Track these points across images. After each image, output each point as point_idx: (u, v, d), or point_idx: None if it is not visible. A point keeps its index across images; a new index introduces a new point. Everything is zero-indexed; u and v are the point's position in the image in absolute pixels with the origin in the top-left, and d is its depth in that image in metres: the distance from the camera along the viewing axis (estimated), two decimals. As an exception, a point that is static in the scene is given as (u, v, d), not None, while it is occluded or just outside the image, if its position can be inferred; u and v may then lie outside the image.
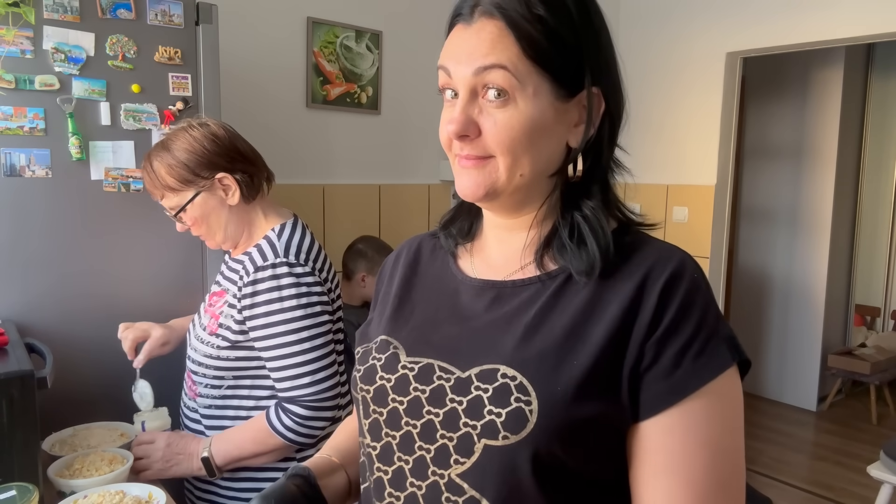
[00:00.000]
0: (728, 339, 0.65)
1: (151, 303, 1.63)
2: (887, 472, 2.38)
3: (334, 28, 2.59)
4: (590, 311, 0.66)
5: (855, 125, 4.35)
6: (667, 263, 0.67)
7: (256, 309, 1.26)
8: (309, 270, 1.29)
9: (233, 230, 1.36)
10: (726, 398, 0.65)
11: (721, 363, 0.64)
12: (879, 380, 4.02)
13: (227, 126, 1.35)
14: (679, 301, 0.65)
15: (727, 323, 0.67)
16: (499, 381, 0.65)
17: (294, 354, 1.26)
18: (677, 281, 0.66)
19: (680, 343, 0.63)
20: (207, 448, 1.29)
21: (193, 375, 1.37)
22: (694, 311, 0.65)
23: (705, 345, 0.64)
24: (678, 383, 0.63)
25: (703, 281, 0.67)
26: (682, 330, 0.64)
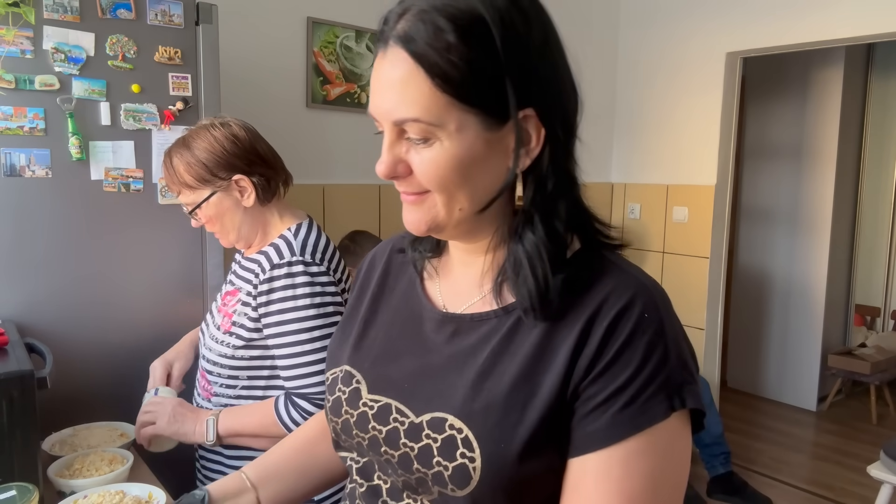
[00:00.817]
0: (671, 388, 0.60)
1: (151, 303, 1.63)
2: (887, 472, 2.38)
3: (334, 28, 2.59)
4: (539, 355, 0.63)
5: (855, 125, 4.35)
6: (617, 299, 0.62)
7: (271, 306, 1.27)
8: (324, 270, 1.30)
9: (246, 231, 1.37)
10: (655, 453, 0.60)
11: (648, 418, 0.59)
12: (879, 380, 4.02)
13: (248, 127, 1.36)
14: (619, 342, 0.61)
15: (685, 367, 0.62)
16: (447, 433, 0.64)
17: (305, 353, 1.26)
18: (621, 320, 0.61)
19: (611, 388, 0.60)
20: (216, 415, 1.31)
21: (208, 375, 1.38)
22: (633, 354, 0.60)
23: (638, 394, 0.59)
24: (599, 431, 0.60)
25: (657, 319, 0.62)
26: (617, 374, 0.60)
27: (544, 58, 0.62)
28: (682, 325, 0.65)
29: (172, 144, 1.36)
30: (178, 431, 1.31)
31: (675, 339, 0.62)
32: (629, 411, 0.59)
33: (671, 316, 0.64)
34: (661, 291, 0.65)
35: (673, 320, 0.63)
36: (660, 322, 0.62)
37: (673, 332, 0.62)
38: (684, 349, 0.63)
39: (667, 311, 0.63)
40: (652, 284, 0.65)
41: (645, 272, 0.68)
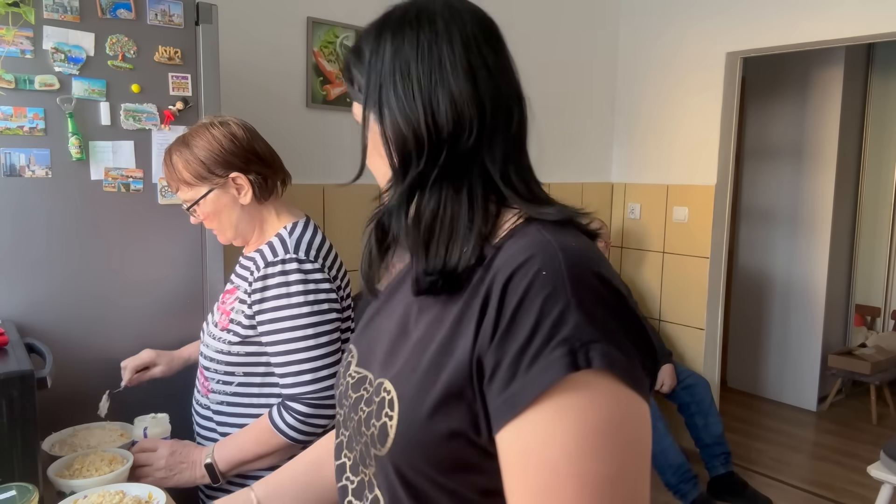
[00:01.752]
0: (574, 346, 0.55)
1: (152, 303, 1.63)
2: (887, 472, 2.38)
3: (334, 28, 2.59)
4: (459, 321, 0.64)
5: (855, 125, 4.35)
6: (514, 260, 0.61)
7: (265, 304, 1.28)
8: (318, 267, 1.31)
9: (244, 228, 1.39)
10: (570, 417, 0.55)
11: (547, 378, 0.55)
12: (879, 380, 4.02)
13: (247, 126, 1.38)
14: (515, 301, 0.58)
15: (596, 325, 0.56)
16: (381, 395, 0.68)
17: (298, 351, 1.27)
18: (514, 278, 0.60)
19: (512, 353, 0.57)
20: (210, 455, 1.30)
21: (205, 371, 1.39)
22: (527, 314, 0.57)
23: (536, 356, 0.56)
24: (511, 396, 0.57)
25: (557, 276, 0.58)
26: (514, 337, 0.57)
27: (393, 59, 0.71)
28: (616, 292, 0.60)
29: (173, 142, 1.38)
30: (178, 483, 1.30)
31: (584, 297, 0.57)
32: (529, 375, 0.56)
33: (584, 275, 0.59)
34: (574, 250, 0.61)
35: (586, 280, 0.59)
36: (560, 279, 0.58)
37: (583, 291, 0.58)
38: (600, 311, 0.57)
39: (577, 269, 0.59)
40: (563, 243, 0.62)
41: (574, 237, 0.65)
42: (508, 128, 0.70)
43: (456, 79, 0.68)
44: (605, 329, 0.56)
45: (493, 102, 0.68)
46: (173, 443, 1.34)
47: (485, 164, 0.68)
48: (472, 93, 0.68)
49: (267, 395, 1.35)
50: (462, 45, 0.69)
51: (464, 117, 0.67)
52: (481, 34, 0.71)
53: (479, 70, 0.68)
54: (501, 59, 0.72)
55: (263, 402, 1.35)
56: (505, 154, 0.69)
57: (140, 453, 1.32)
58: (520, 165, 0.71)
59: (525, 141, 0.73)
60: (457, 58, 0.68)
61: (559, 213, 0.68)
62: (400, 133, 0.68)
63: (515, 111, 0.71)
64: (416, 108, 0.68)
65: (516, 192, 0.69)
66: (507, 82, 0.71)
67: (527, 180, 0.71)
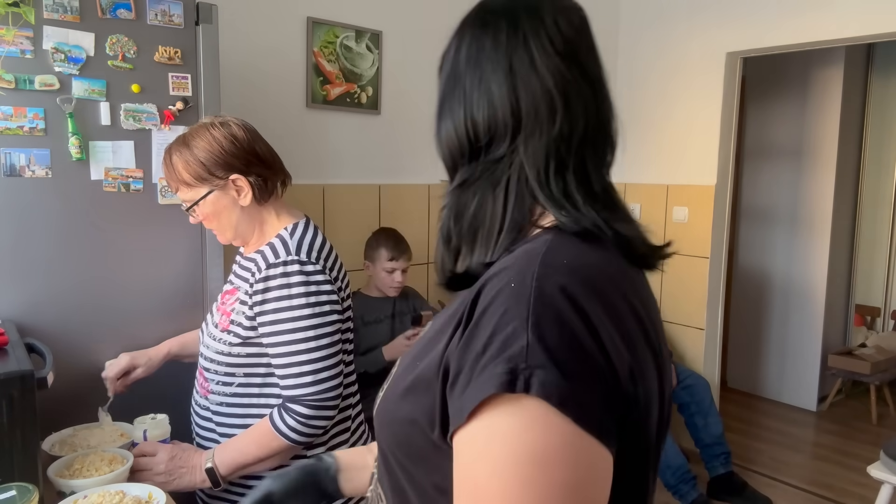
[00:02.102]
0: (518, 366, 0.52)
1: (152, 303, 1.63)
2: (887, 472, 2.38)
3: (334, 28, 2.59)
4: (450, 319, 0.63)
5: (855, 125, 4.35)
6: (495, 269, 0.61)
7: (266, 305, 1.28)
8: (319, 269, 1.31)
9: (243, 229, 1.38)
10: (499, 435, 0.52)
11: (481, 392, 0.53)
12: (879, 380, 4.02)
13: (248, 127, 1.37)
14: (480, 310, 0.57)
15: (550, 352, 0.52)
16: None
17: (299, 353, 1.27)
18: (489, 286, 0.59)
19: (471, 358, 0.55)
20: (211, 458, 1.30)
21: (206, 372, 1.38)
22: (488, 322, 0.55)
23: (487, 364, 0.54)
24: (459, 405, 0.55)
25: (525, 290, 0.55)
26: (475, 344, 0.56)
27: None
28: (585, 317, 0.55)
29: (173, 142, 1.37)
30: (178, 488, 1.30)
31: (544, 317, 0.53)
32: (473, 386, 0.54)
33: (551, 293, 0.55)
34: (557, 266, 0.58)
35: (551, 299, 0.55)
36: (525, 294, 0.55)
37: (545, 310, 0.54)
38: (556, 335, 0.53)
39: (547, 286, 0.55)
40: (550, 257, 0.59)
41: (581, 251, 0.62)
42: (551, 127, 0.66)
43: (495, 80, 0.67)
44: (557, 356, 0.52)
45: (531, 102, 0.66)
46: (173, 447, 1.33)
47: (524, 166, 0.66)
48: (510, 93, 0.66)
49: (267, 395, 1.34)
50: (509, 42, 0.67)
51: (499, 120, 0.67)
52: (536, 26, 0.68)
53: (520, 68, 0.66)
54: (558, 54, 0.67)
55: (263, 403, 1.34)
56: (546, 156, 0.65)
57: (139, 457, 1.31)
58: (562, 168, 0.66)
59: (576, 140, 0.67)
60: (500, 57, 0.67)
61: (574, 223, 0.63)
62: (449, 135, 0.70)
63: (560, 108, 0.66)
64: (460, 112, 0.69)
65: (551, 196, 0.65)
66: (557, 78, 0.66)
67: (566, 183, 0.65)
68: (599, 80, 0.71)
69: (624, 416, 0.56)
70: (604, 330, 0.55)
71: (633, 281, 0.66)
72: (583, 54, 0.69)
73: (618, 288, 0.61)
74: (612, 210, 0.67)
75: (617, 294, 0.60)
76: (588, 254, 0.62)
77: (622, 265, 0.65)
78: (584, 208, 0.65)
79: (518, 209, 0.66)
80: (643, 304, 0.64)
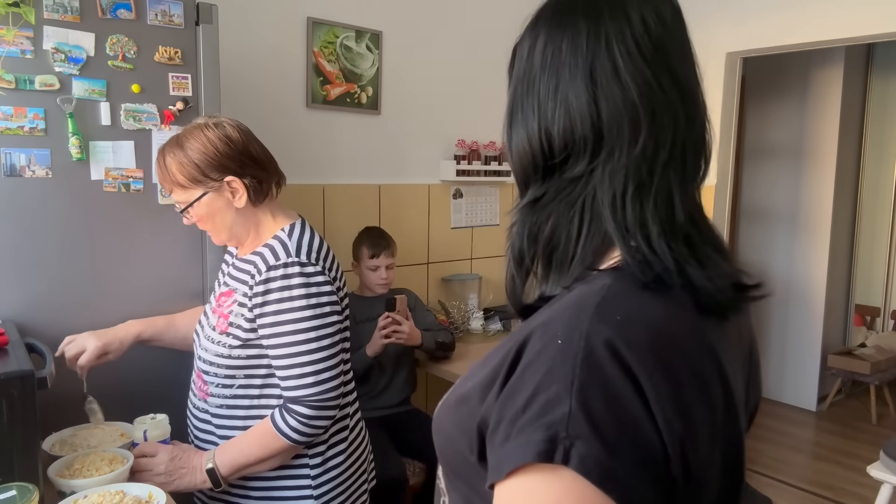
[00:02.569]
0: (558, 431, 0.47)
1: (151, 302, 1.63)
2: (887, 472, 2.38)
3: (334, 28, 2.59)
4: (504, 356, 0.58)
5: (855, 125, 4.35)
6: (547, 314, 0.56)
7: (267, 307, 1.27)
8: (320, 270, 1.30)
9: (238, 230, 1.37)
10: (529, 500, 0.49)
11: (522, 456, 0.49)
12: (879, 380, 4.02)
13: (242, 128, 1.35)
14: (524, 364, 0.53)
15: (585, 416, 0.48)
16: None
17: (300, 354, 1.27)
18: (534, 337, 0.54)
19: (511, 413, 0.51)
20: (212, 459, 1.30)
21: (205, 375, 1.37)
22: (531, 378, 0.51)
23: (526, 426, 0.50)
24: (497, 462, 0.52)
25: (567, 348, 0.50)
26: (516, 399, 0.51)
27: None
28: (634, 382, 0.49)
29: (166, 143, 1.35)
30: (178, 488, 1.30)
31: (589, 382, 0.49)
32: (511, 445, 0.50)
33: (600, 355, 0.50)
34: (612, 322, 0.51)
35: (599, 361, 0.49)
36: (571, 353, 0.50)
37: (591, 374, 0.49)
38: (601, 402, 0.48)
39: (596, 345, 0.50)
40: (606, 309, 0.53)
41: (641, 303, 0.55)
42: (634, 143, 0.58)
43: (573, 88, 0.59)
44: (601, 427, 0.48)
45: (613, 115, 0.58)
46: (173, 448, 1.33)
47: (600, 189, 0.59)
48: (589, 104, 0.59)
49: (268, 396, 1.34)
50: (589, 46, 0.59)
51: (577, 133, 0.59)
52: (620, 25, 0.59)
53: (601, 78, 0.58)
54: (644, 59, 0.59)
55: (264, 404, 1.34)
56: (625, 178, 0.58)
57: (140, 458, 1.31)
58: (641, 192, 0.58)
59: (662, 160, 0.59)
60: (579, 62, 0.59)
61: (639, 266, 0.56)
62: (521, 147, 0.63)
63: (644, 123, 0.58)
64: (534, 122, 0.62)
65: (622, 225, 0.57)
66: (643, 87, 0.58)
67: (643, 211, 0.57)
68: (692, 85, 0.63)
69: (671, 491, 0.50)
70: (656, 399, 0.49)
71: (704, 336, 0.57)
72: (674, 56, 0.61)
73: (680, 349, 0.54)
74: (692, 244, 0.58)
75: (678, 357, 0.53)
76: (649, 307, 0.55)
77: (692, 318, 0.57)
78: (657, 243, 0.56)
79: (593, 236, 0.59)
80: (716, 362, 0.56)
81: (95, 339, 1.43)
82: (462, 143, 3.01)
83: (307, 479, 1.36)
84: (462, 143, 3.01)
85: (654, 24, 0.60)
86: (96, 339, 1.43)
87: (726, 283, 0.59)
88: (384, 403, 2.47)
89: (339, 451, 1.40)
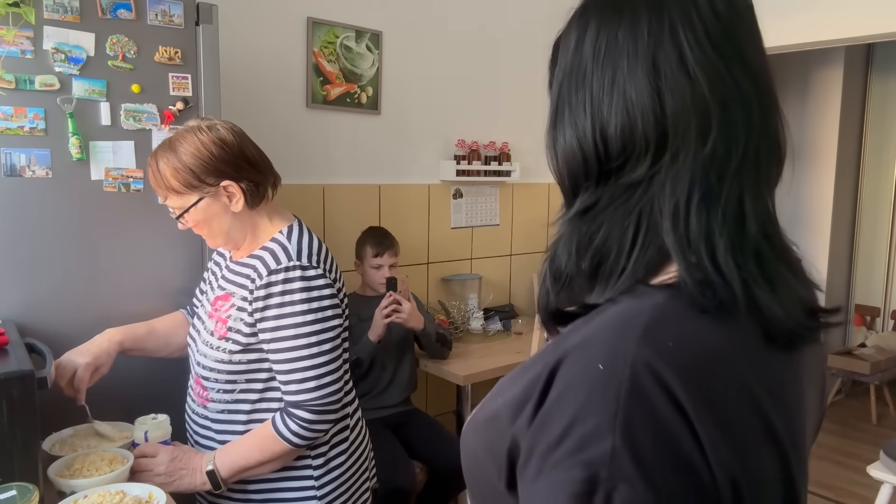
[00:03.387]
0: (599, 471, 0.43)
1: (151, 303, 1.63)
2: (887, 472, 2.38)
3: (334, 28, 2.59)
4: (538, 358, 0.53)
5: (855, 125, 4.35)
6: (585, 333, 0.50)
7: (268, 311, 1.26)
8: (321, 273, 1.29)
9: (235, 234, 1.35)
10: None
11: (558, 496, 0.44)
12: (879, 380, 4.02)
13: (236, 130, 1.33)
14: (558, 391, 0.47)
15: (630, 455, 0.43)
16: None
17: (301, 359, 1.26)
18: (569, 361, 0.48)
19: (545, 445, 0.46)
20: (212, 461, 1.29)
21: (204, 381, 1.36)
22: (567, 408, 0.46)
23: (562, 460, 0.45)
24: (528, 496, 0.48)
25: (610, 376, 0.45)
26: (550, 429, 0.46)
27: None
28: (682, 415, 0.44)
29: (158, 147, 1.31)
30: (178, 489, 1.29)
31: (635, 415, 0.43)
32: (545, 481, 0.46)
33: (646, 386, 0.44)
34: (662, 349, 0.46)
35: (646, 392, 0.44)
36: (614, 382, 0.44)
37: (637, 407, 0.44)
38: (647, 440, 0.43)
39: (643, 375, 0.44)
40: (656, 333, 0.47)
41: (696, 327, 0.49)
42: (702, 144, 0.51)
43: (633, 81, 0.53)
44: (648, 469, 0.42)
45: (680, 112, 0.52)
46: (173, 449, 1.33)
47: (661, 194, 0.52)
48: (651, 99, 0.52)
49: (269, 399, 1.33)
50: (651, 34, 0.53)
51: (636, 132, 0.53)
52: (686, 8, 0.53)
53: (665, 69, 0.52)
54: (714, 48, 0.52)
55: (264, 408, 1.33)
56: (690, 183, 0.51)
57: (140, 458, 1.31)
58: (709, 200, 0.51)
59: (734, 162, 0.53)
60: (639, 52, 0.53)
61: (698, 287, 0.49)
62: (569, 148, 0.56)
63: (715, 121, 0.51)
64: (585, 120, 0.55)
65: (685, 236, 0.51)
66: (714, 79, 0.52)
67: (709, 221, 0.51)
68: (766, 76, 0.56)
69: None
70: (708, 437, 0.44)
71: (766, 366, 0.51)
72: (746, 43, 0.54)
73: (737, 380, 0.48)
74: (762, 260, 0.52)
75: (734, 389, 0.47)
76: (707, 333, 0.49)
77: (755, 348, 0.51)
78: (724, 259, 0.50)
79: (648, 249, 0.53)
80: (775, 394, 0.50)
81: (84, 357, 1.36)
82: (462, 143, 3.01)
83: (311, 479, 1.35)
84: (462, 143, 3.01)
85: (724, 6, 0.53)
86: (84, 357, 1.36)
87: (798, 309, 0.52)
88: (385, 403, 2.47)
89: (342, 451, 1.40)
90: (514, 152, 3.20)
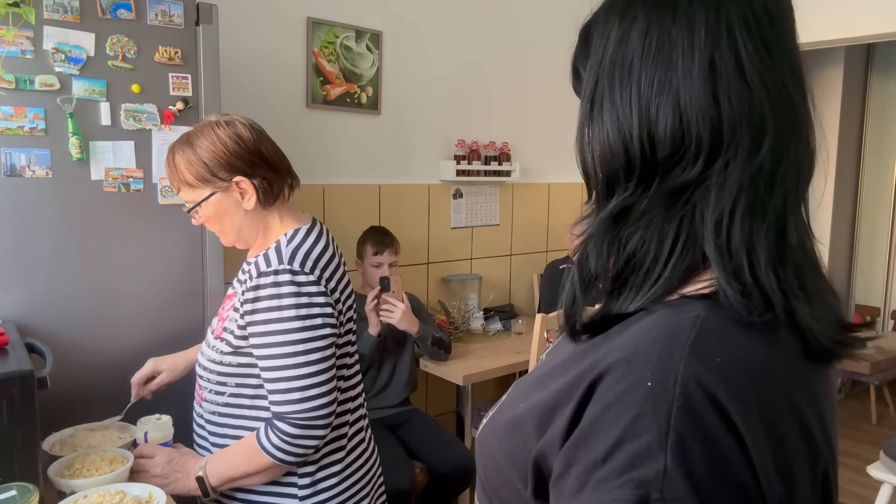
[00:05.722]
0: (651, 493, 0.42)
1: (151, 303, 1.64)
2: (887, 472, 2.38)
3: (334, 28, 2.59)
4: (568, 366, 0.52)
5: (855, 125, 4.35)
6: (628, 345, 0.48)
7: (256, 316, 1.22)
8: (314, 279, 1.23)
9: (246, 232, 1.32)
10: None
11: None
12: (879, 380, 4.02)
13: (255, 127, 1.31)
14: (600, 407, 0.46)
15: (682, 475, 0.42)
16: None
17: (286, 367, 1.20)
18: (611, 376, 0.47)
19: (587, 462, 0.45)
20: (203, 468, 1.26)
21: (199, 380, 1.35)
22: (613, 425, 0.44)
23: (608, 479, 0.44)
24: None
25: (661, 393, 0.44)
26: (593, 447, 0.45)
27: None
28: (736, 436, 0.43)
29: (176, 141, 1.31)
30: (173, 491, 1.27)
31: (687, 434, 0.42)
32: (583, 498, 0.45)
33: (700, 403, 0.43)
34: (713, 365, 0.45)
35: (699, 410, 0.43)
36: (666, 399, 0.43)
37: (689, 426, 0.43)
38: (700, 459, 0.42)
39: (696, 391, 0.43)
40: (706, 348, 0.46)
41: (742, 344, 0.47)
42: (754, 153, 0.49)
43: (687, 82, 0.50)
44: (703, 490, 0.42)
45: (735, 116, 0.49)
46: (171, 451, 1.31)
47: (706, 202, 0.50)
48: (708, 102, 0.50)
49: (259, 407, 1.28)
50: (708, 33, 0.50)
51: (689, 135, 0.50)
52: (741, 6, 0.50)
53: (723, 70, 0.50)
54: (769, 53, 0.50)
55: (255, 416, 1.29)
56: (738, 191, 0.49)
57: (138, 458, 1.30)
58: (755, 209, 0.49)
59: (783, 172, 0.50)
60: (695, 52, 0.50)
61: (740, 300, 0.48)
62: (608, 146, 0.53)
63: (770, 129, 0.49)
64: (631, 118, 0.52)
65: (726, 247, 0.49)
66: (769, 86, 0.50)
67: (752, 232, 0.49)
68: (804, 78, 0.53)
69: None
70: (759, 458, 0.43)
71: (805, 382, 0.50)
72: (792, 45, 0.52)
73: (784, 397, 0.47)
74: (801, 272, 0.52)
75: (782, 406, 0.47)
76: (752, 349, 0.47)
77: (797, 364, 0.50)
78: (764, 270, 0.49)
79: (686, 257, 0.51)
80: (815, 410, 0.50)
81: (151, 361, 1.49)
82: (462, 143, 3.01)
83: (294, 498, 1.28)
84: (462, 143, 3.01)
85: (775, 9, 0.51)
86: (152, 361, 1.49)
87: (833, 323, 0.52)
88: (385, 403, 2.47)
89: (333, 474, 1.31)
90: (514, 152, 3.20)
